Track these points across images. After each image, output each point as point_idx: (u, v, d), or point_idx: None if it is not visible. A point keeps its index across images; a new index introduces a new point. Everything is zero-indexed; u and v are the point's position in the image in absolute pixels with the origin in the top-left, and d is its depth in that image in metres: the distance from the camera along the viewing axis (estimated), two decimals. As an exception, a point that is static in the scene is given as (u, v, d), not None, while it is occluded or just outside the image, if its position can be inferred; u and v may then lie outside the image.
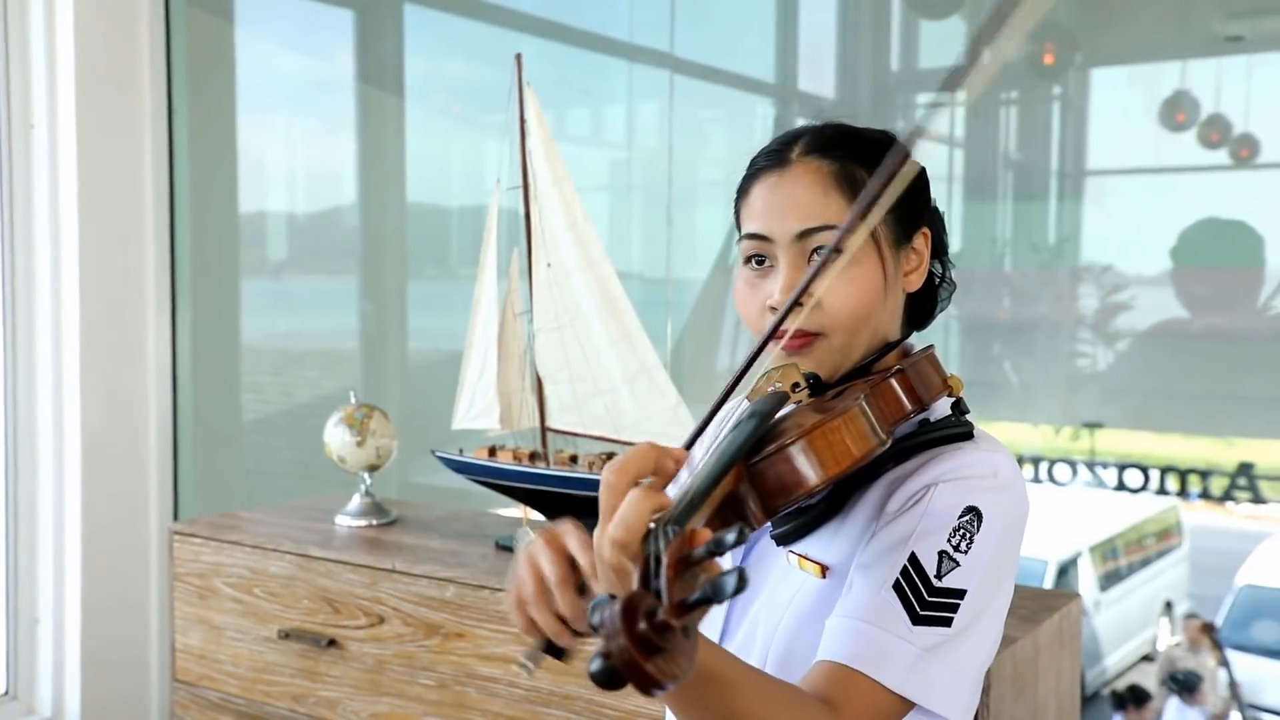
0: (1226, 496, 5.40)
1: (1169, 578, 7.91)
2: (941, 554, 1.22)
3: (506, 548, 2.47)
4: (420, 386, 4.19)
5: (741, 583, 0.83)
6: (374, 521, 2.69)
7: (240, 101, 3.86)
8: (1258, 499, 5.29)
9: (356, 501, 2.71)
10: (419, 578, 2.38)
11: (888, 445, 1.23)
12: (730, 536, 0.89)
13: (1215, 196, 4.61)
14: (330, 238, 4.43)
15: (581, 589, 1.08)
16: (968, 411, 1.36)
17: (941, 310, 1.48)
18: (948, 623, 1.21)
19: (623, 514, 1.02)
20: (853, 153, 1.34)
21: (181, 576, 2.75)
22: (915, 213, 1.38)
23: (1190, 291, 4.48)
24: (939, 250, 1.43)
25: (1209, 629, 5.94)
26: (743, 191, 1.39)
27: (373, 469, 2.70)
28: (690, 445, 1.23)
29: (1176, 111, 4.59)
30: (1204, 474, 5.14)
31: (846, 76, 4.68)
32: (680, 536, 0.94)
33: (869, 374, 1.35)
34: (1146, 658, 7.53)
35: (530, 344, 2.41)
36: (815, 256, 1.31)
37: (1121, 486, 4.81)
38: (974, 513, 1.24)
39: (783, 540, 1.35)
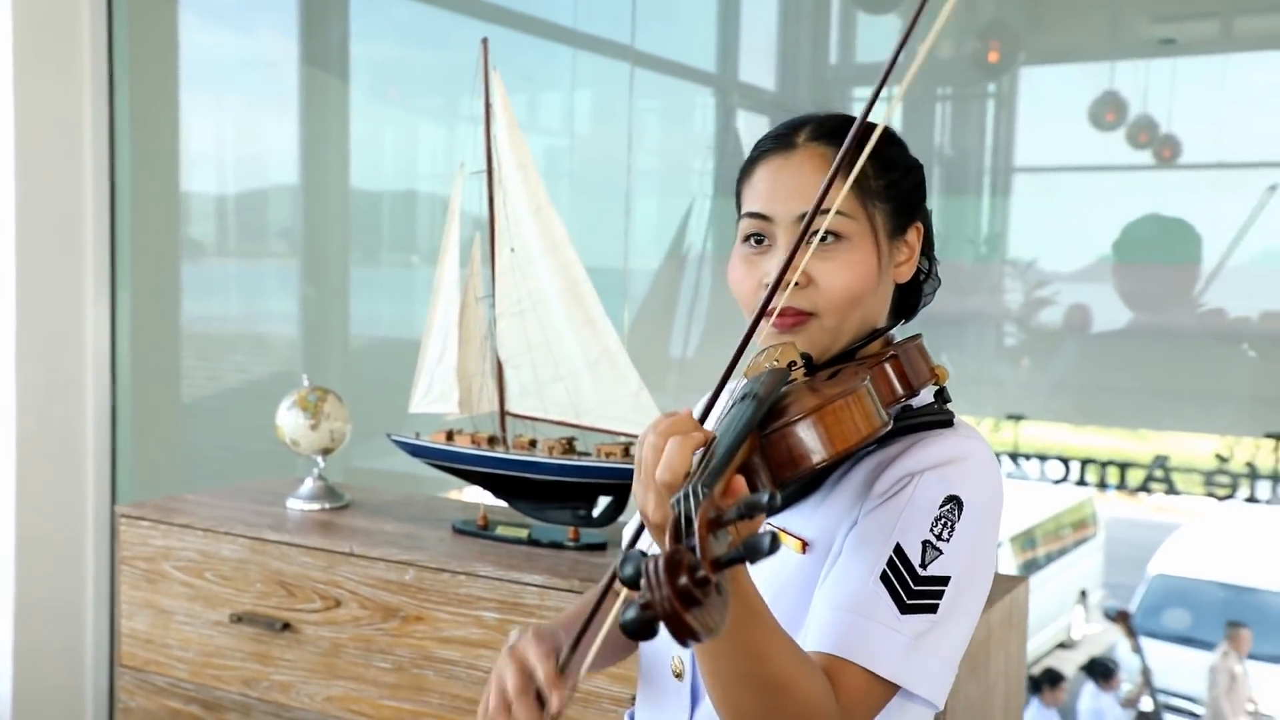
0: (1143, 488, 5.55)
1: (1084, 567, 8.10)
2: (925, 543, 1.27)
3: (464, 531, 2.47)
4: (361, 372, 4.16)
5: (775, 544, 0.88)
6: (327, 505, 2.67)
7: (183, 81, 3.81)
8: (1172, 490, 5.43)
9: (309, 485, 2.70)
10: (376, 560, 2.37)
11: (890, 426, 1.27)
12: (764, 498, 0.94)
13: (1138, 195, 4.73)
14: (272, 221, 4.39)
15: (540, 699, 1.23)
16: (949, 400, 1.41)
17: (925, 305, 1.53)
18: (934, 609, 1.26)
19: (668, 456, 1.11)
20: (860, 143, 1.37)
21: (128, 560, 2.71)
22: (911, 206, 1.43)
23: (1112, 287, 4.59)
24: (927, 247, 1.48)
25: (1125, 617, 6.09)
26: (745, 173, 1.43)
27: (326, 452, 2.69)
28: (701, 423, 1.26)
29: (1106, 111, 4.70)
30: (1122, 466, 5.28)
31: (786, 69, 4.73)
32: (710, 498, 0.99)
33: (855, 359, 1.39)
34: (1062, 644, 7.70)
35: (491, 328, 2.41)
36: (814, 240, 1.34)
37: (1043, 478, 4.92)
38: (954, 501, 1.28)
39: None
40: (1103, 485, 5.46)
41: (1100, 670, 6.21)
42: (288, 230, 4.30)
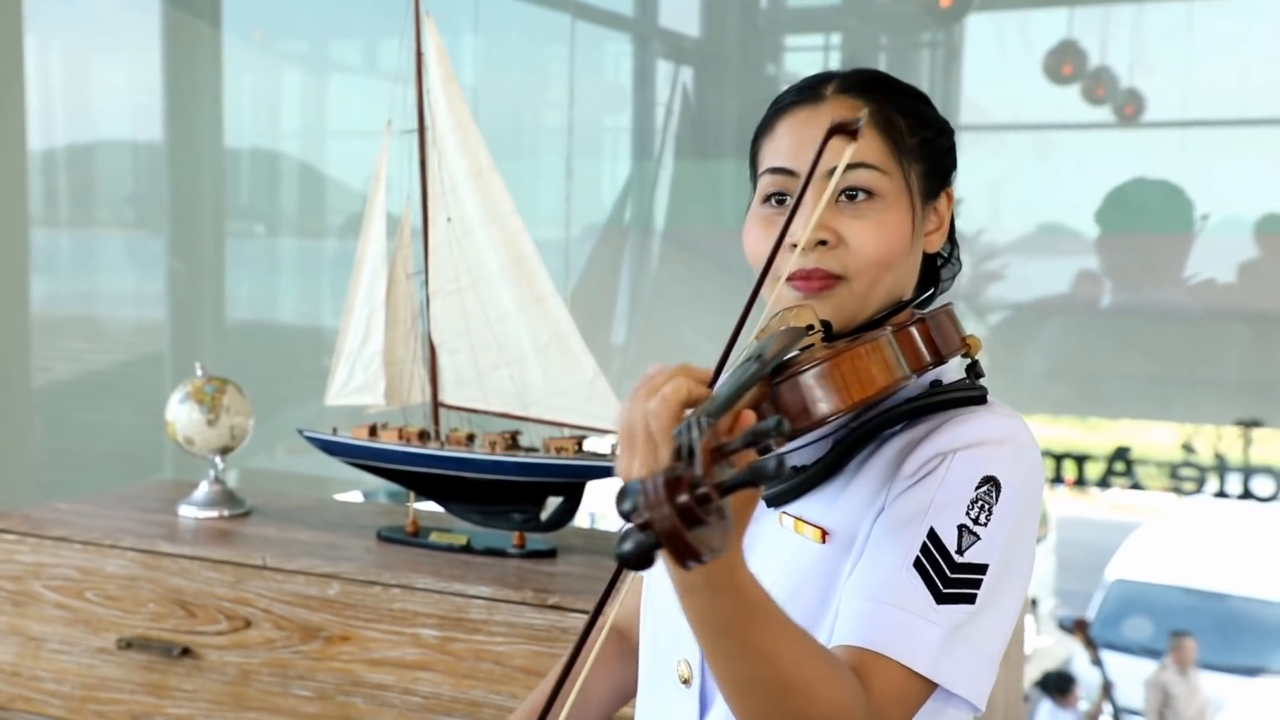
0: (1103, 483, 5.73)
1: (1033, 573, 8.32)
2: (961, 528, 1.32)
3: (391, 539, 2.50)
4: (240, 359, 4.15)
5: (781, 468, 0.95)
6: (226, 512, 2.68)
7: (28, 21, 3.75)
8: (1135, 485, 5.62)
9: (205, 489, 2.70)
10: (294, 574, 2.39)
11: (912, 379, 1.35)
12: (770, 424, 1.00)
13: (1097, 156, 4.88)
14: (134, 184, 4.34)
15: None
16: (982, 375, 1.46)
17: (944, 290, 1.57)
18: (971, 599, 1.31)
19: (664, 390, 1.15)
20: (890, 96, 1.45)
21: (-12, 580, 2.70)
22: (944, 170, 1.48)
23: (1059, 259, 4.75)
24: (951, 227, 1.53)
25: (1083, 626, 6.29)
26: (765, 128, 1.48)
27: (225, 451, 2.70)
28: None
29: (1063, 63, 4.83)
30: (1079, 459, 5.44)
31: (712, 13, 4.80)
32: (714, 427, 1.05)
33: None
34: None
35: (423, 309, 2.44)
36: (844, 199, 1.40)
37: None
38: (992, 482, 1.34)
39: (775, 501, 1.44)
40: (1057, 479, 5.62)
41: (1056, 685, 6.41)
42: (154, 195, 4.25)
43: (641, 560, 0.94)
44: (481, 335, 2.38)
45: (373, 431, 2.51)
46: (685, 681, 1.48)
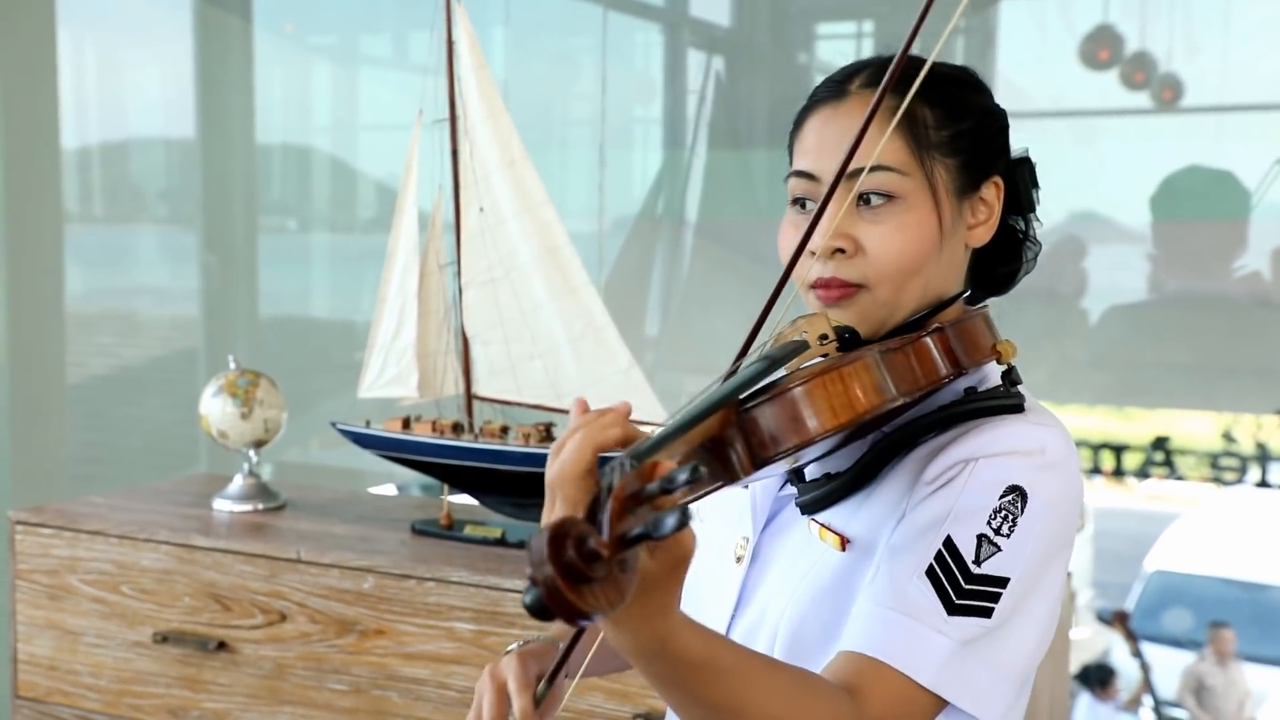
0: (1142, 473, 5.69)
1: (1070, 564, 8.28)
2: (980, 537, 1.26)
3: (425, 532, 2.49)
4: (273, 354, 4.16)
5: (683, 519, 0.90)
6: (260, 506, 2.68)
7: (61, 19, 3.76)
8: (1174, 475, 5.58)
9: (239, 483, 2.70)
10: (329, 568, 2.39)
11: (899, 402, 1.27)
12: (683, 475, 0.95)
13: (1135, 144, 4.83)
14: (166, 180, 4.35)
15: None
16: (1019, 382, 1.39)
17: (1025, 273, 1.51)
18: (987, 613, 1.25)
19: (565, 452, 1.14)
20: (919, 88, 1.34)
21: (25, 574, 2.70)
22: (987, 159, 1.41)
23: (1093, 246, 4.71)
24: (1023, 205, 1.46)
25: (1123, 618, 6.25)
26: (797, 124, 1.43)
27: (259, 445, 2.69)
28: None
29: (1100, 48, 4.78)
30: (1117, 449, 5.41)
31: (743, 2, 4.77)
32: (635, 470, 1.01)
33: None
34: (1049, 652, 7.86)
35: (456, 300, 2.43)
36: (862, 203, 1.35)
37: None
38: (1017, 492, 1.28)
39: (807, 509, 1.40)
40: (1095, 470, 5.58)
41: (1096, 677, 6.37)
42: (187, 191, 4.26)
43: (539, 613, 0.90)
44: (515, 326, 2.37)
45: (406, 424, 2.50)
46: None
